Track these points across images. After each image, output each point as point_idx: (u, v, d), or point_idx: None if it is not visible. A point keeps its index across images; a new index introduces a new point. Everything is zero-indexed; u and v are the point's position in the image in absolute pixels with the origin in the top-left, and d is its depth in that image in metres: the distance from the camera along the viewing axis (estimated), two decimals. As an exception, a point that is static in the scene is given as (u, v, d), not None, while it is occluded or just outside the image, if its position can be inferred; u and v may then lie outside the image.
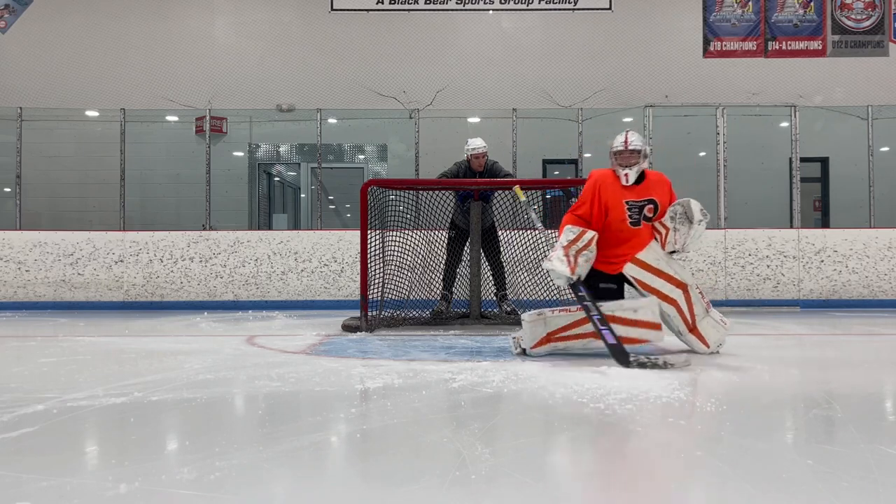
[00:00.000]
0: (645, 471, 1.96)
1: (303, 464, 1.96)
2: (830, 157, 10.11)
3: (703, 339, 4.01)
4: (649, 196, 4.04)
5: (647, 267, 3.97)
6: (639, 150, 4.01)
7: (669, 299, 3.94)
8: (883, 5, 10.04)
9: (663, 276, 3.94)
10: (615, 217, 4.03)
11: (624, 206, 4.03)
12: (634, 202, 4.03)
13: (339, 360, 3.82)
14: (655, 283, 3.94)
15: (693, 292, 3.98)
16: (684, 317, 3.97)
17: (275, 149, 10.73)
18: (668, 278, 3.95)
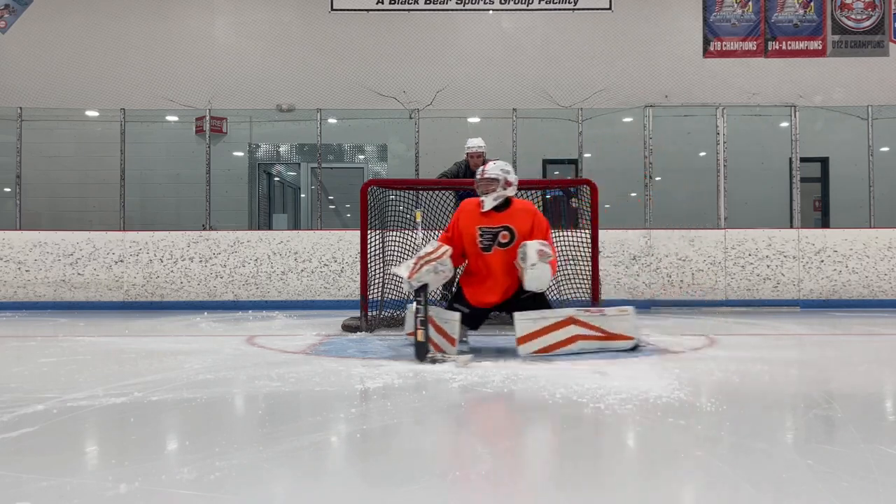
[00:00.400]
0: (645, 471, 1.96)
1: (303, 464, 1.96)
2: (830, 157, 10.11)
3: (622, 337, 4.07)
4: (505, 224, 4.19)
5: (532, 337, 3.97)
6: (495, 178, 4.20)
7: (569, 339, 3.98)
8: (883, 5, 10.04)
9: (549, 331, 3.97)
10: (469, 241, 4.25)
11: (476, 232, 4.22)
12: (488, 228, 4.20)
13: (339, 360, 3.82)
14: (549, 341, 3.96)
15: (581, 317, 4.03)
16: (594, 336, 4.02)
17: (275, 149, 10.73)
18: (553, 328, 3.98)
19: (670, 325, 5.91)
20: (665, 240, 7.92)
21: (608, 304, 7.30)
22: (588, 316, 4.05)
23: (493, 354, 4.04)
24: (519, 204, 4.30)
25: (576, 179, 8.33)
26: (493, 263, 4.21)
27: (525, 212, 4.25)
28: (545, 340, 3.95)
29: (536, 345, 3.94)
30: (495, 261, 4.20)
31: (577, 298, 5.55)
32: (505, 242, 4.19)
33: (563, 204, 7.12)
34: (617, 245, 7.91)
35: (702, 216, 9.04)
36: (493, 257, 4.20)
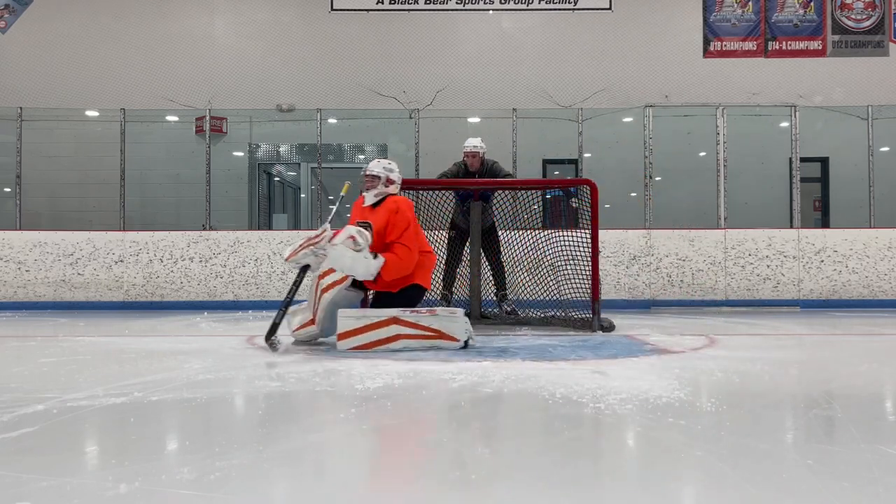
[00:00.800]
0: (645, 471, 1.96)
1: (303, 464, 1.96)
2: (830, 157, 10.11)
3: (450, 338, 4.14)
4: (367, 219, 4.46)
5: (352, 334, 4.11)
6: (376, 175, 4.48)
7: (391, 338, 4.12)
8: (883, 5, 10.04)
9: (370, 329, 4.11)
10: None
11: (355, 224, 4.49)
12: (358, 223, 4.46)
13: (339, 360, 3.82)
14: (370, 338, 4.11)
15: (405, 317, 4.14)
16: (420, 335, 4.14)
17: (275, 149, 10.74)
18: (374, 327, 4.12)
19: (670, 325, 5.91)
20: (665, 240, 7.92)
21: (608, 304, 7.33)
22: (413, 316, 4.16)
23: (493, 354, 4.04)
24: (389, 202, 4.46)
25: (576, 179, 8.33)
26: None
27: (386, 210, 4.41)
28: (366, 338, 4.12)
29: (356, 341, 4.11)
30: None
31: (578, 298, 5.56)
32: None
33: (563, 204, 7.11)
34: (617, 245, 7.91)
35: (702, 216, 9.04)
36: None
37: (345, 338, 4.12)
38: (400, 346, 4.13)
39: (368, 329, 4.12)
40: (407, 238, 4.39)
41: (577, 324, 5.40)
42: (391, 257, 4.35)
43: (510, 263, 6.09)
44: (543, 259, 5.90)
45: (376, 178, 4.48)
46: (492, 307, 6.06)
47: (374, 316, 4.17)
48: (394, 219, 4.40)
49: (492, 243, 6.02)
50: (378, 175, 4.47)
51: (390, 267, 4.34)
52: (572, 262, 5.59)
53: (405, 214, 4.44)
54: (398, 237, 4.39)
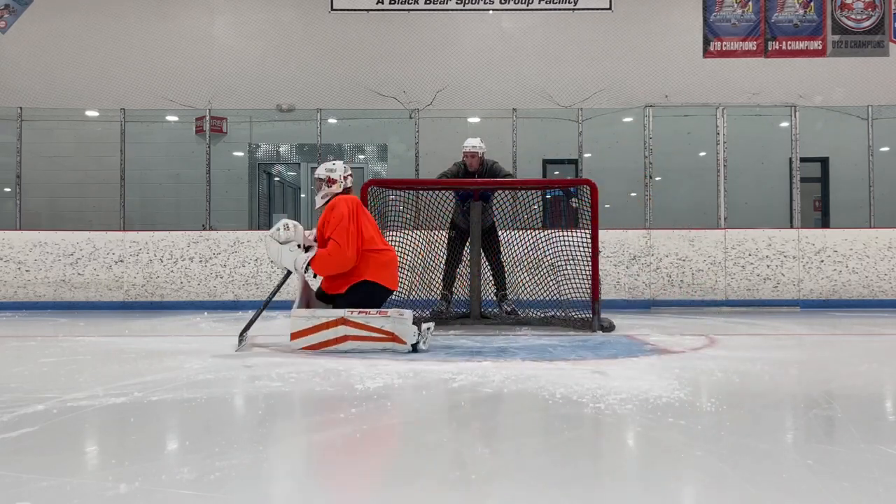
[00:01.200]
0: (645, 471, 1.96)
1: (303, 464, 1.96)
2: (830, 157, 10.11)
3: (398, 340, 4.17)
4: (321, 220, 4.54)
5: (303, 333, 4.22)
6: (318, 177, 4.60)
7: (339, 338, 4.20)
8: (883, 5, 10.04)
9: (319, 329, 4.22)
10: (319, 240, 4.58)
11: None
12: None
13: (339, 360, 3.82)
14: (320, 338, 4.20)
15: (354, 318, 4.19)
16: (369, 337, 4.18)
17: (275, 149, 10.73)
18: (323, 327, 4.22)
19: (670, 325, 5.91)
20: (665, 240, 7.92)
21: (608, 304, 7.33)
22: (361, 317, 4.19)
23: (493, 354, 4.04)
24: (333, 201, 4.51)
25: (576, 179, 8.33)
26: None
27: (328, 208, 4.48)
28: (316, 338, 4.19)
29: (307, 341, 4.20)
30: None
31: (578, 298, 5.56)
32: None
33: (563, 204, 7.11)
34: (617, 245, 7.91)
35: (702, 216, 9.04)
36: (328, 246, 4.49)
37: (297, 337, 4.21)
38: (348, 347, 4.16)
39: (318, 329, 4.20)
40: (338, 234, 4.36)
41: (577, 324, 5.40)
42: (320, 251, 4.39)
43: (510, 263, 6.09)
44: (543, 259, 5.90)
45: (320, 181, 4.61)
46: (492, 307, 6.06)
47: (322, 316, 4.22)
48: (329, 216, 4.45)
49: (492, 243, 6.02)
50: (320, 177, 4.60)
51: (318, 261, 4.36)
52: (572, 262, 5.59)
53: (340, 210, 4.43)
54: (331, 233, 4.41)
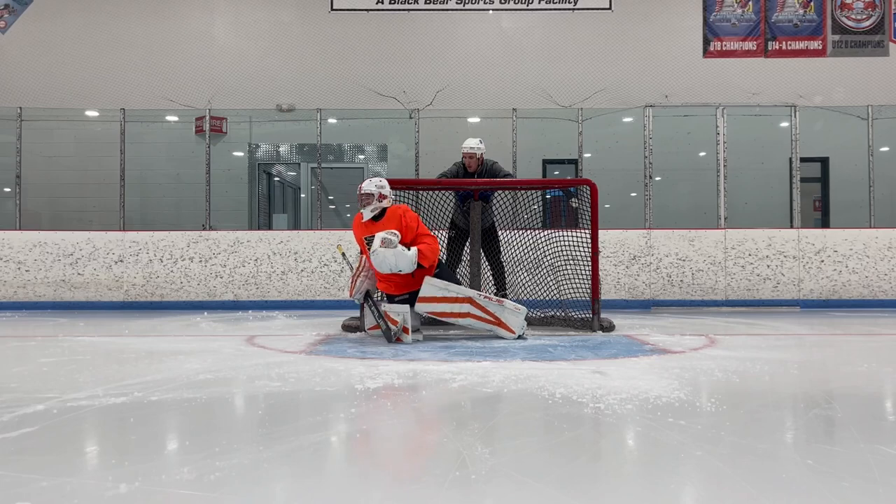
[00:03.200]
0: (645, 471, 1.96)
1: (303, 464, 1.96)
2: (830, 157, 10.11)
3: (507, 328, 4.78)
4: (378, 231, 4.80)
5: (430, 300, 4.75)
6: (370, 193, 4.86)
7: (462, 314, 4.78)
8: (883, 5, 10.04)
9: (446, 301, 4.76)
10: (362, 248, 4.98)
11: (364, 241, 4.92)
12: (370, 237, 4.84)
13: (339, 360, 3.82)
14: (444, 308, 4.77)
15: (479, 300, 4.78)
16: (484, 320, 4.79)
17: (275, 149, 10.73)
18: (451, 300, 4.76)
19: (670, 325, 5.91)
20: (665, 240, 7.92)
21: (608, 304, 7.33)
22: (486, 301, 4.79)
23: (493, 354, 4.04)
24: (390, 211, 4.89)
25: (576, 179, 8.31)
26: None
27: (394, 217, 4.84)
28: (441, 307, 4.76)
29: (431, 308, 4.76)
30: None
31: (578, 298, 5.56)
32: None
33: (563, 204, 7.12)
34: (617, 245, 7.92)
35: (702, 216, 9.04)
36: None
37: (423, 301, 4.73)
38: (466, 323, 4.78)
39: (446, 301, 4.74)
40: (424, 229, 4.94)
41: (577, 324, 5.40)
42: (422, 246, 4.80)
43: (510, 263, 6.09)
44: (543, 259, 5.90)
45: (370, 196, 4.87)
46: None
47: (454, 291, 4.76)
48: (405, 221, 4.83)
49: (492, 243, 6.02)
50: (371, 193, 4.87)
51: (425, 253, 4.77)
52: (572, 262, 5.59)
53: (413, 215, 4.92)
54: (417, 231, 4.87)
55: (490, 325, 4.77)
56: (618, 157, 9.67)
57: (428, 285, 4.74)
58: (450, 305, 4.75)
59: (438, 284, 4.75)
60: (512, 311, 4.78)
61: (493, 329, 4.78)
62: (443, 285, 4.76)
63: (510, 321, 4.76)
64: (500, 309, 4.77)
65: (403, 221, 4.85)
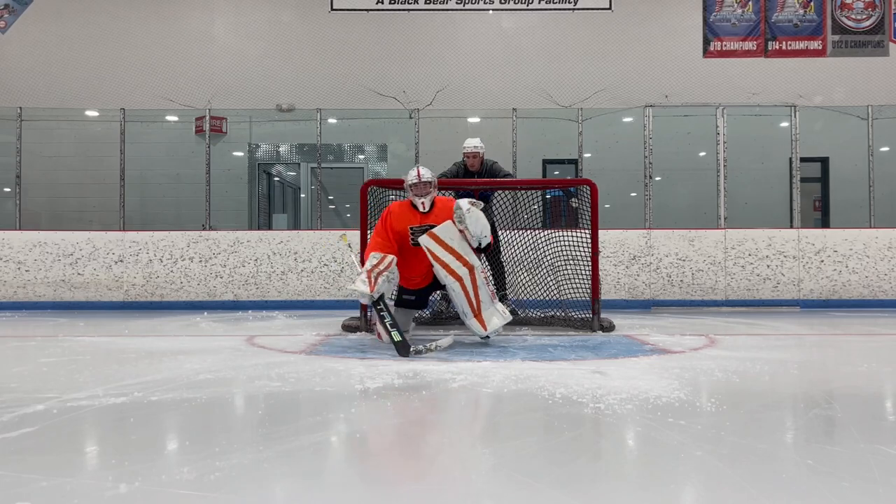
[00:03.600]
0: (645, 471, 1.96)
1: (303, 464, 1.96)
2: (830, 157, 10.11)
3: (483, 324, 4.47)
4: (431, 223, 4.63)
5: (439, 241, 4.46)
6: (429, 181, 4.69)
7: (455, 275, 4.45)
8: (883, 5, 10.04)
9: (453, 254, 4.46)
10: (401, 239, 4.68)
11: (408, 231, 4.68)
12: (418, 228, 4.65)
13: (339, 360, 3.82)
14: (445, 257, 4.46)
15: (479, 276, 4.48)
16: (468, 297, 4.46)
17: (275, 149, 10.73)
18: (457, 256, 4.45)
19: (670, 325, 5.91)
20: (665, 240, 7.92)
21: (608, 304, 7.33)
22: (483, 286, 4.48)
23: (493, 354, 4.04)
24: (440, 203, 4.73)
25: (576, 179, 8.33)
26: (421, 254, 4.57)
27: (446, 209, 4.63)
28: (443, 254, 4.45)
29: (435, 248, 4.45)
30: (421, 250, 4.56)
31: (578, 298, 5.56)
32: None
33: (563, 204, 7.11)
34: (617, 245, 7.92)
35: (702, 216, 9.04)
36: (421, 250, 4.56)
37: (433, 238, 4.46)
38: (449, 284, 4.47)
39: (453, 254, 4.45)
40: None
41: (577, 324, 5.40)
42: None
43: (510, 263, 6.08)
44: (543, 259, 5.90)
45: (429, 185, 4.70)
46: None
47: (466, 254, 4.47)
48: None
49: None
50: (431, 181, 4.70)
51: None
52: (572, 262, 5.59)
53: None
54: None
55: (468, 308, 4.45)
56: (618, 157, 9.67)
57: (447, 227, 4.46)
58: (452, 259, 4.44)
59: (455, 236, 4.46)
60: (499, 313, 4.51)
61: (465, 314, 4.48)
62: (459, 239, 4.45)
63: (490, 320, 4.46)
64: (488, 303, 4.47)
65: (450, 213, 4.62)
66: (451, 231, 4.47)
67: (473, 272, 4.46)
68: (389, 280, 4.48)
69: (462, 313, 4.54)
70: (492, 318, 4.48)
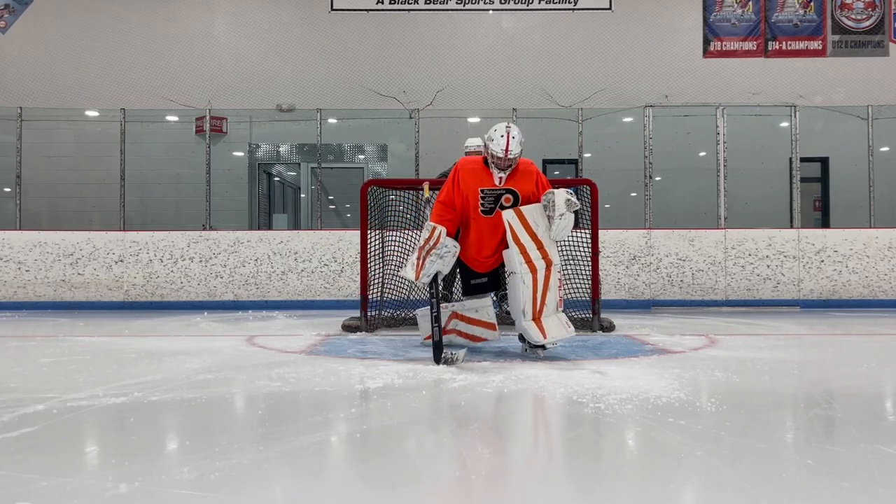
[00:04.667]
0: (645, 471, 1.96)
1: (303, 464, 1.96)
2: (830, 157, 10.11)
3: (542, 331, 3.84)
4: (508, 187, 3.99)
5: (524, 222, 3.90)
6: (516, 157, 3.97)
7: (532, 265, 3.87)
8: (883, 5, 10.04)
9: (535, 241, 3.89)
10: (471, 204, 4.01)
11: (478, 194, 3.99)
12: (491, 191, 3.99)
13: (339, 360, 3.82)
14: (526, 241, 3.88)
15: (554, 276, 3.90)
16: (535, 294, 3.86)
17: (275, 149, 10.73)
18: (539, 245, 3.89)
19: (670, 325, 5.91)
20: (665, 240, 7.92)
21: (608, 304, 7.33)
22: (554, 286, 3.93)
23: (493, 354, 4.04)
24: (521, 165, 4.05)
25: (576, 179, 8.32)
26: (495, 224, 3.99)
27: (527, 173, 4.04)
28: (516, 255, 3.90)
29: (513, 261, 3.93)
30: (498, 221, 3.97)
31: (578, 298, 5.56)
32: (508, 206, 3.98)
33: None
34: (617, 245, 7.91)
35: (702, 216, 9.04)
36: (496, 219, 3.98)
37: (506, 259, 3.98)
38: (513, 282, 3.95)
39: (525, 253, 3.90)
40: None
41: (577, 324, 5.39)
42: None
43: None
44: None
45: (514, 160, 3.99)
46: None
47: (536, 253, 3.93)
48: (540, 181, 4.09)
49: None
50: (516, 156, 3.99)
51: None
52: (572, 262, 5.59)
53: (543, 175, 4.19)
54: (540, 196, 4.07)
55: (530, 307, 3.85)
56: (618, 157, 9.67)
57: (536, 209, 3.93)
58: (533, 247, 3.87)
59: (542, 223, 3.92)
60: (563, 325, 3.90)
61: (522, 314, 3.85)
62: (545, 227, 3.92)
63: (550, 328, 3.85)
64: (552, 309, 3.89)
65: (539, 183, 4.06)
66: (540, 216, 3.92)
67: (550, 269, 3.88)
68: (441, 256, 3.86)
69: (519, 312, 3.87)
70: (554, 327, 3.86)
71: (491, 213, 3.99)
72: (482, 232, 4.02)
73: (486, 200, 3.99)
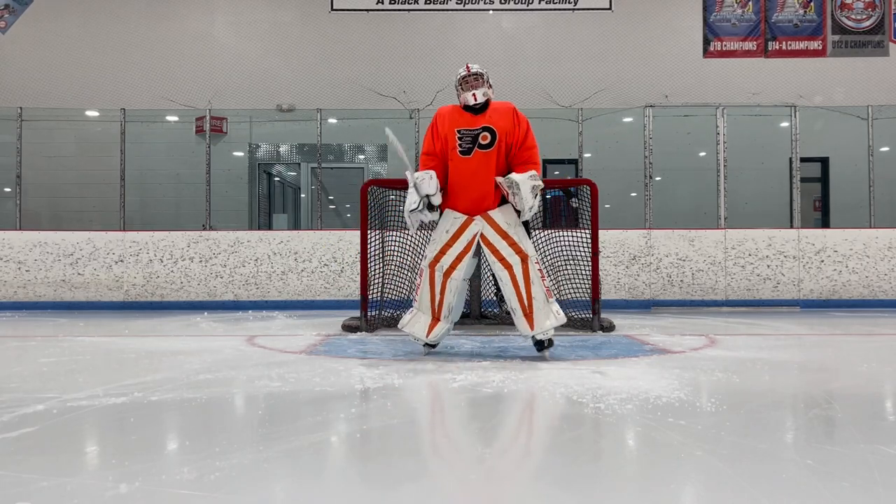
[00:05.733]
0: (645, 471, 1.96)
1: (303, 464, 1.96)
2: (830, 157, 10.11)
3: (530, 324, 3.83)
4: (485, 124, 3.92)
5: (494, 226, 3.88)
6: (480, 73, 3.98)
7: (506, 263, 3.85)
8: (883, 5, 10.04)
9: (506, 239, 3.86)
10: (450, 146, 3.98)
11: (455, 134, 3.95)
12: (467, 130, 3.94)
13: (339, 360, 3.82)
14: (498, 243, 3.86)
15: (532, 267, 3.84)
16: (518, 289, 3.83)
17: (275, 149, 10.73)
18: (510, 242, 3.86)
19: (670, 325, 5.91)
20: (665, 240, 7.92)
21: (608, 304, 7.33)
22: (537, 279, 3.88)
23: (493, 354, 4.04)
24: (498, 105, 4.00)
25: (576, 179, 8.33)
26: (474, 167, 3.92)
27: (504, 111, 3.96)
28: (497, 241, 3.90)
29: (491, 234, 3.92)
30: (476, 164, 3.91)
31: (578, 298, 5.56)
32: (485, 144, 3.91)
33: (563, 204, 7.12)
34: (617, 245, 7.91)
35: (702, 216, 9.04)
36: (474, 160, 3.92)
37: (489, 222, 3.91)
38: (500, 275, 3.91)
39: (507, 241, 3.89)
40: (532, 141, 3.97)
41: (577, 324, 5.40)
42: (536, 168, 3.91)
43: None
44: (543, 259, 5.90)
45: (480, 77, 3.99)
46: (492, 307, 6.06)
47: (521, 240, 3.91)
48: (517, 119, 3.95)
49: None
50: (482, 73, 3.99)
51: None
52: (572, 262, 5.59)
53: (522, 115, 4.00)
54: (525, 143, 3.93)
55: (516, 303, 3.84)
56: (618, 157, 9.67)
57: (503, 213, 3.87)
58: (504, 245, 3.85)
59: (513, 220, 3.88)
60: (553, 314, 3.83)
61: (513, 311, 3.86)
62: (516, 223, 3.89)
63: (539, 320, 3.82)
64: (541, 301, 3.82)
65: (516, 119, 3.93)
66: (510, 214, 3.90)
67: (527, 262, 3.82)
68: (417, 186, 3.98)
69: (511, 310, 3.89)
70: (542, 317, 3.82)
71: (469, 154, 3.93)
72: (462, 174, 3.95)
73: (464, 140, 3.95)
